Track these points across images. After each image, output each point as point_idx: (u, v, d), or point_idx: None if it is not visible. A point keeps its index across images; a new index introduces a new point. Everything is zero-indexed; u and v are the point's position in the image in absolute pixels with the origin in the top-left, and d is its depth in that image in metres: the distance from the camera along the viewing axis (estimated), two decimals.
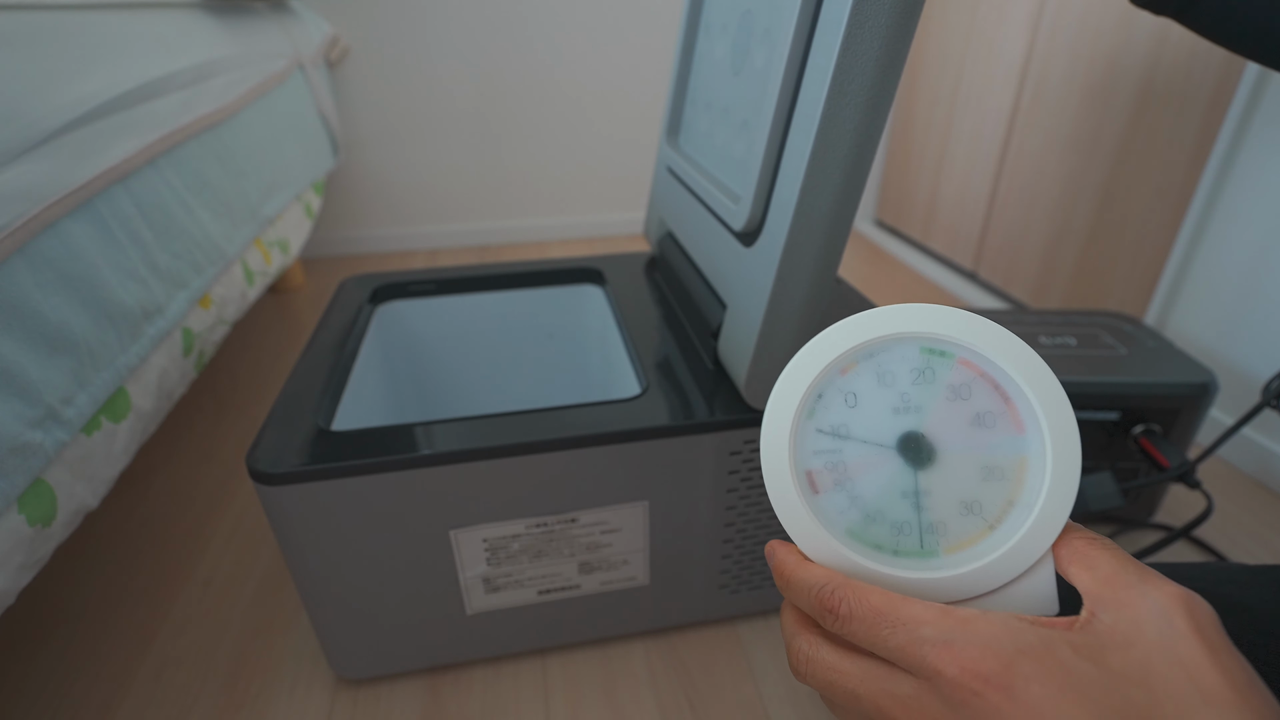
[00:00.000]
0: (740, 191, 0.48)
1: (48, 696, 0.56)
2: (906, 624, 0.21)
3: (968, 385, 0.25)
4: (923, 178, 1.46)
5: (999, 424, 0.25)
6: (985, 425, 0.25)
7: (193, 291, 0.66)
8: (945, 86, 1.35)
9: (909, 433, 0.26)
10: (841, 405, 0.26)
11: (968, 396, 0.25)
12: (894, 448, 0.26)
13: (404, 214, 1.56)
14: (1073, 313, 0.76)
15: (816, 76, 0.37)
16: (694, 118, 0.60)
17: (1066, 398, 0.24)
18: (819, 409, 0.26)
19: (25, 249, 0.45)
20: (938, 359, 0.26)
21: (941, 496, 0.25)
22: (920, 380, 0.26)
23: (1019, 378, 0.24)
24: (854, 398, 0.26)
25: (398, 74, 1.41)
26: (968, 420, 0.25)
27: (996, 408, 0.25)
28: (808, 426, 0.26)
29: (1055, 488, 0.24)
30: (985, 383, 0.25)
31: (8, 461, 0.41)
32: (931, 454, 0.25)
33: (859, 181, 0.39)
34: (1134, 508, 0.70)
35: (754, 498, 0.53)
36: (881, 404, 0.26)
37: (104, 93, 0.56)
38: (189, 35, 0.76)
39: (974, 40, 1.25)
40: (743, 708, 0.54)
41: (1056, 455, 0.24)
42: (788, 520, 0.26)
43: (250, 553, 0.70)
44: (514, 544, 0.50)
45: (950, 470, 0.25)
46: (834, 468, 0.26)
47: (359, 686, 0.56)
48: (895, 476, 0.26)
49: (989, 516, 0.25)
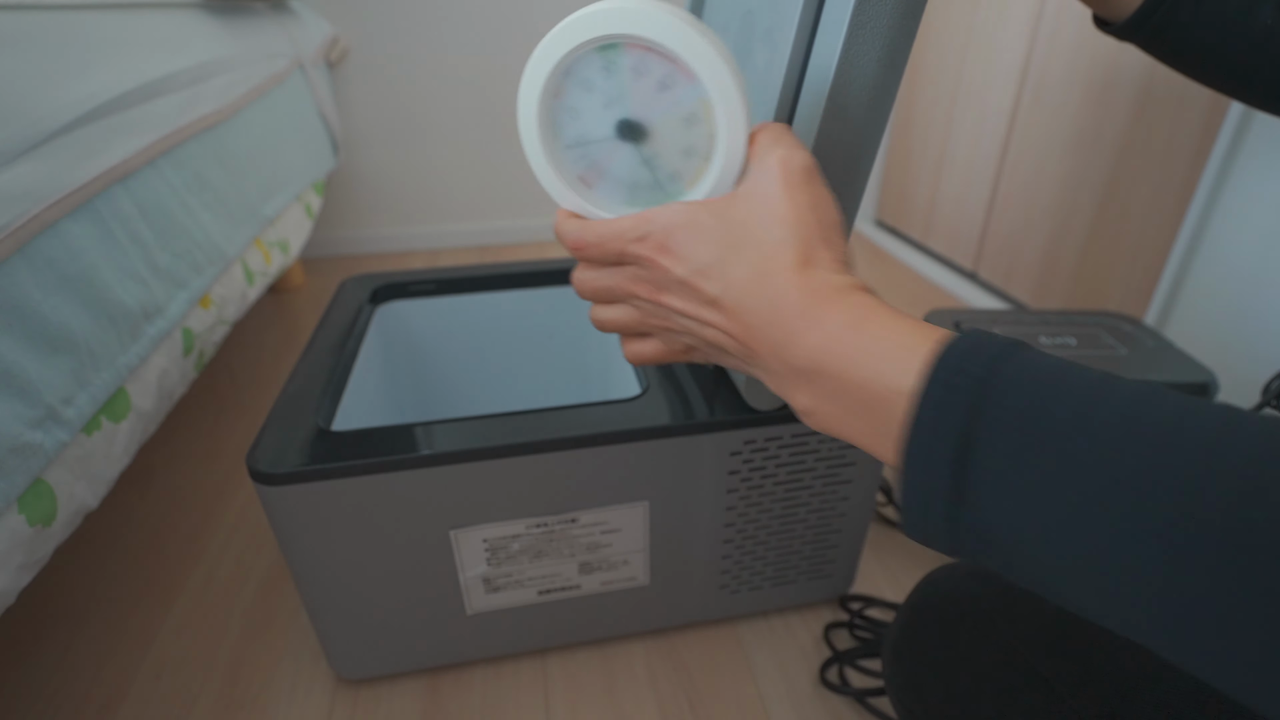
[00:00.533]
0: None
1: (48, 696, 0.56)
2: (619, 235, 0.31)
3: (642, 63, 0.31)
4: (923, 178, 1.46)
5: (677, 82, 0.31)
6: (668, 86, 0.31)
7: (193, 291, 0.66)
8: (945, 87, 1.35)
9: (620, 120, 0.33)
10: (570, 120, 0.33)
11: (646, 72, 0.31)
12: (616, 136, 0.33)
13: (404, 214, 1.56)
14: (1073, 313, 0.76)
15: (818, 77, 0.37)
16: None
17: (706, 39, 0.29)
18: (559, 131, 0.34)
19: (26, 249, 0.45)
20: (612, 53, 0.31)
21: (665, 153, 0.33)
22: (609, 75, 0.32)
23: (669, 41, 0.30)
24: (575, 111, 0.33)
25: (398, 74, 1.41)
26: (655, 89, 0.32)
27: (669, 70, 0.31)
28: (557, 148, 0.34)
29: (729, 108, 0.30)
30: (652, 55, 0.31)
31: (8, 461, 0.41)
32: (641, 128, 0.33)
33: (860, 182, 0.39)
34: None
35: (754, 498, 0.53)
36: (595, 106, 0.33)
37: (104, 93, 0.56)
38: (189, 35, 0.76)
39: (974, 40, 1.26)
40: (742, 708, 0.54)
41: (719, 85, 0.30)
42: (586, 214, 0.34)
43: (250, 553, 0.70)
44: (514, 544, 0.50)
45: (661, 132, 0.32)
46: (591, 167, 0.34)
47: (359, 686, 0.56)
48: (629, 154, 0.33)
49: (702, 151, 0.32)
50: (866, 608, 0.61)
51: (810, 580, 0.60)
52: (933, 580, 0.41)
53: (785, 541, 0.56)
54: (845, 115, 0.37)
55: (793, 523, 0.55)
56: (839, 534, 0.57)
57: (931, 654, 0.38)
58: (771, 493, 0.53)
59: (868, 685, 0.56)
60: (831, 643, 0.58)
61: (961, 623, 0.38)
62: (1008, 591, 0.38)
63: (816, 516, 0.56)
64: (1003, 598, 0.37)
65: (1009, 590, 0.38)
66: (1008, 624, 0.36)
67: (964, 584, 0.39)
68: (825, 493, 0.54)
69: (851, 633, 0.59)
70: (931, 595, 0.40)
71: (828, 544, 0.58)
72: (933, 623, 0.39)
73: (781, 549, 0.57)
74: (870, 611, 0.62)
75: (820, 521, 0.56)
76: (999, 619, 0.37)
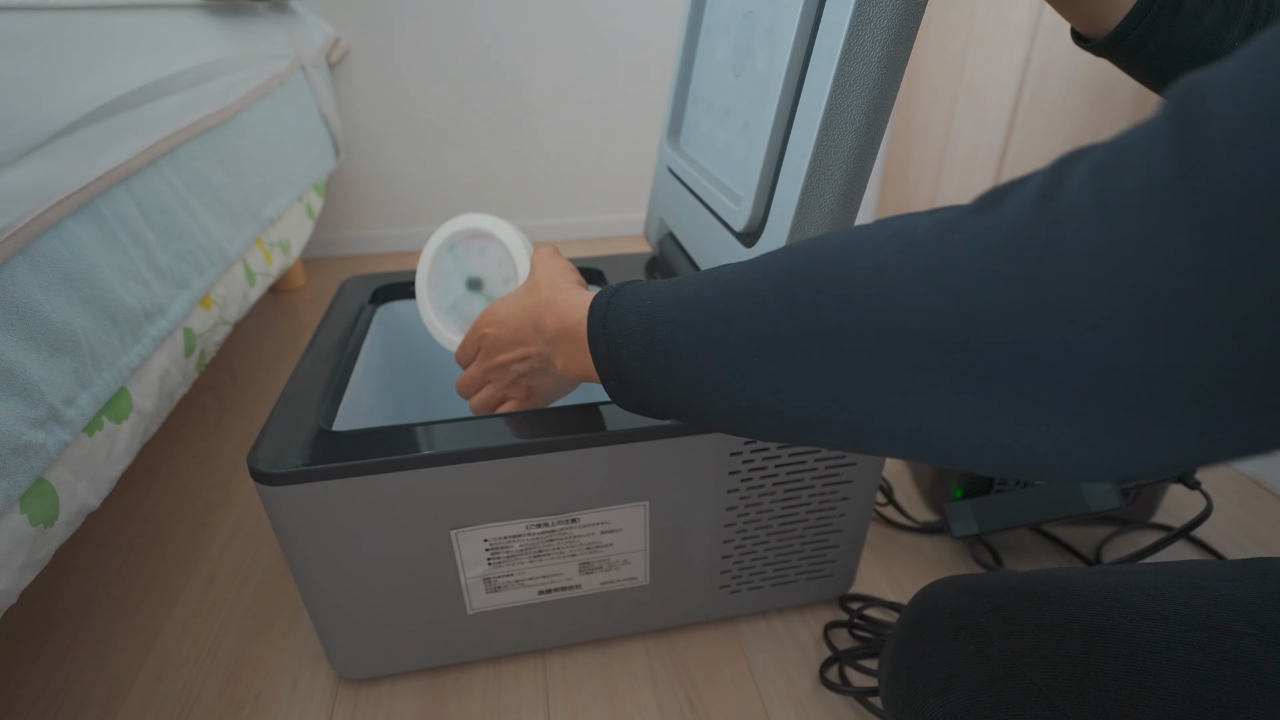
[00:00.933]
0: (741, 191, 0.48)
1: (50, 696, 0.56)
2: (472, 330, 0.49)
3: (469, 244, 0.58)
4: (923, 178, 1.46)
5: (488, 246, 0.57)
6: (485, 250, 0.57)
7: (194, 292, 0.66)
8: (946, 87, 1.35)
9: (467, 279, 0.58)
10: (443, 291, 0.59)
11: (471, 248, 0.58)
12: (468, 289, 0.59)
13: (405, 214, 1.56)
14: None
15: (819, 77, 0.37)
16: (695, 119, 0.60)
17: (491, 218, 0.56)
18: (439, 300, 0.59)
19: (28, 249, 0.45)
20: (455, 247, 0.58)
21: (495, 288, 0.58)
22: (455, 258, 0.58)
23: (476, 225, 0.56)
24: (444, 285, 0.59)
25: (398, 75, 1.41)
26: (479, 254, 0.57)
27: (482, 242, 0.57)
28: (441, 311, 0.60)
29: (516, 247, 0.56)
30: (473, 239, 0.57)
31: (10, 461, 0.41)
32: (479, 280, 0.58)
33: (861, 182, 0.39)
34: (1134, 508, 0.70)
35: (754, 498, 0.53)
36: (453, 276, 0.59)
37: (106, 94, 0.56)
38: (191, 37, 0.76)
39: (974, 41, 1.26)
40: (743, 708, 0.54)
41: (508, 237, 0.56)
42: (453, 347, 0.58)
43: (251, 553, 0.71)
44: (515, 544, 0.50)
45: (490, 277, 0.58)
46: (461, 317, 0.60)
47: (360, 686, 0.56)
48: (477, 298, 0.59)
49: (511, 275, 0.57)
50: (866, 607, 0.61)
51: (810, 580, 0.60)
52: (927, 595, 0.42)
53: (785, 541, 0.57)
54: (845, 116, 0.37)
55: (793, 523, 0.56)
56: (839, 534, 0.57)
57: (929, 673, 0.38)
58: (771, 493, 0.53)
59: (867, 685, 0.56)
60: (831, 642, 0.58)
61: (956, 638, 0.38)
62: (1001, 606, 0.38)
63: (816, 517, 0.56)
64: (997, 611, 0.38)
65: (1002, 604, 0.38)
66: (1003, 637, 0.36)
67: (958, 599, 0.40)
68: (825, 493, 0.54)
69: (851, 632, 0.59)
70: (927, 611, 0.41)
71: (828, 544, 0.58)
72: (929, 639, 0.39)
73: (782, 549, 0.57)
74: (870, 611, 0.62)
75: (820, 522, 0.56)
76: (994, 632, 0.37)
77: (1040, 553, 0.69)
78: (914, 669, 0.39)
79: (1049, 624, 0.36)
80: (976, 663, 0.36)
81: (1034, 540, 0.71)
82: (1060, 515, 0.61)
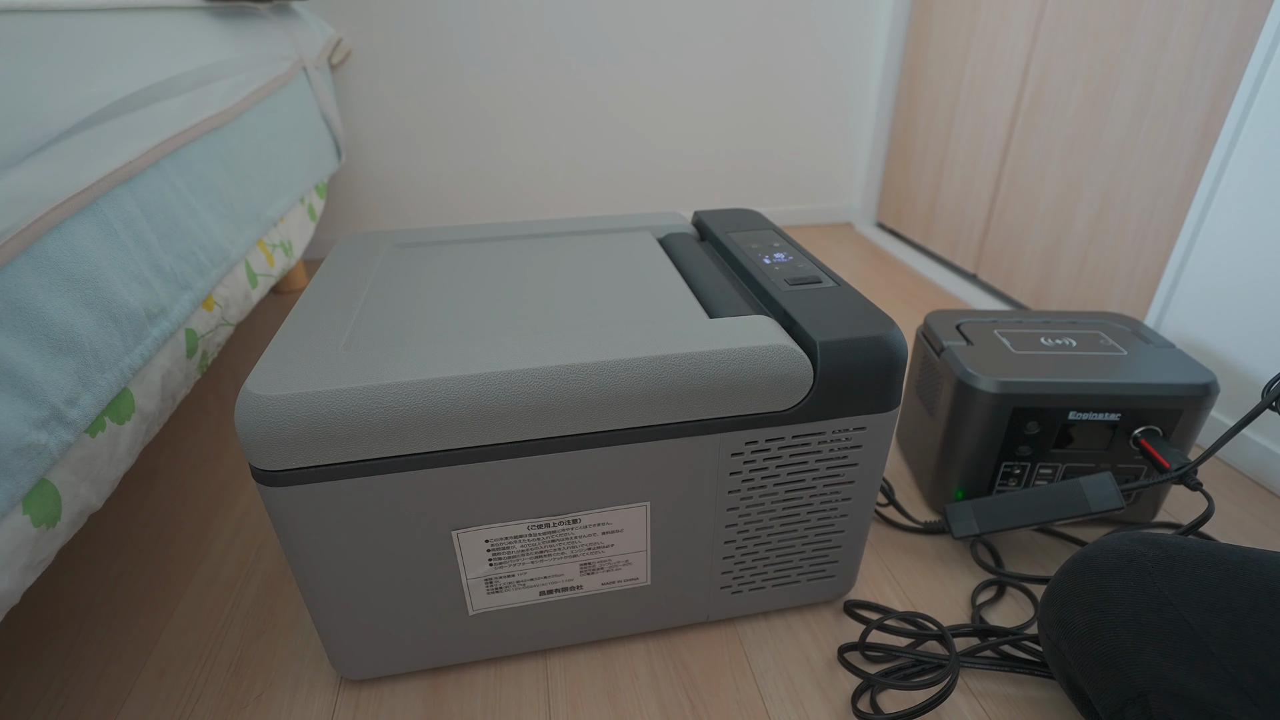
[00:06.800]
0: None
1: (52, 696, 0.56)
2: None
3: None
4: (923, 179, 1.46)
5: None
6: None
7: (196, 293, 0.66)
8: (946, 88, 1.36)
9: None
10: None
11: None
12: None
13: (406, 215, 1.57)
14: (1073, 314, 0.76)
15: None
16: None
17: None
18: None
19: (30, 251, 0.45)
20: None
21: None
22: None
23: None
24: None
25: (400, 76, 1.41)
26: None
27: None
28: None
29: None
30: None
31: (12, 462, 0.41)
32: None
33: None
34: (1135, 509, 0.70)
35: (755, 499, 0.53)
36: None
37: (108, 95, 0.56)
38: (193, 38, 0.76)
39: (975, 42, 1.26)
40: (744, 708, 0.54)
41: None
42: None
43: (253, 553, 0.71)
44: (516, 545, 0.50)
45: None
46: None
47: (361, 687, 0.57)
48: None
49: None
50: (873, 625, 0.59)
51: (812, 581, 0.60)
52: (1102, 540, 0.44)
53: (787, 542, 0.57)
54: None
55: (794, 523, 0.56)
56: (840, 534, 0.57)
57: (1084, 595, 0.41)
58: (773, 493, 0.53)
59: (901, 708, 0.54)
60: (852, 665, 0.56)
61: (1118, 571, 0.40)
62: (1173, 557, 0.40)
63: (818, 517, 0.56)
64: (1168, 560, 0.40)
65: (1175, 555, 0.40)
66: (1165, 580, 0.38)
67: (1130, 545, 0.42)
68: (826, 493, 0.55)
69: (863, 653, 0.58)
70: (1097, 549, 0.43)
71: (829, 545, 0.58)
72: (1091, 570, 0.42)
73: (783, 549, 0.57)
74: (873, 617, 0.62)
75: (821, 522, 0.56)
76: (1157, 574, 0.39)
77: (1041, 553, 0.69)
78: (1070, 591, 0.42)
79: (1217, 580, 0.37)
80: (1131, 593, 0.39)
81: (1035, 540, 0.71)
82: (1062, 516, 0.61)
